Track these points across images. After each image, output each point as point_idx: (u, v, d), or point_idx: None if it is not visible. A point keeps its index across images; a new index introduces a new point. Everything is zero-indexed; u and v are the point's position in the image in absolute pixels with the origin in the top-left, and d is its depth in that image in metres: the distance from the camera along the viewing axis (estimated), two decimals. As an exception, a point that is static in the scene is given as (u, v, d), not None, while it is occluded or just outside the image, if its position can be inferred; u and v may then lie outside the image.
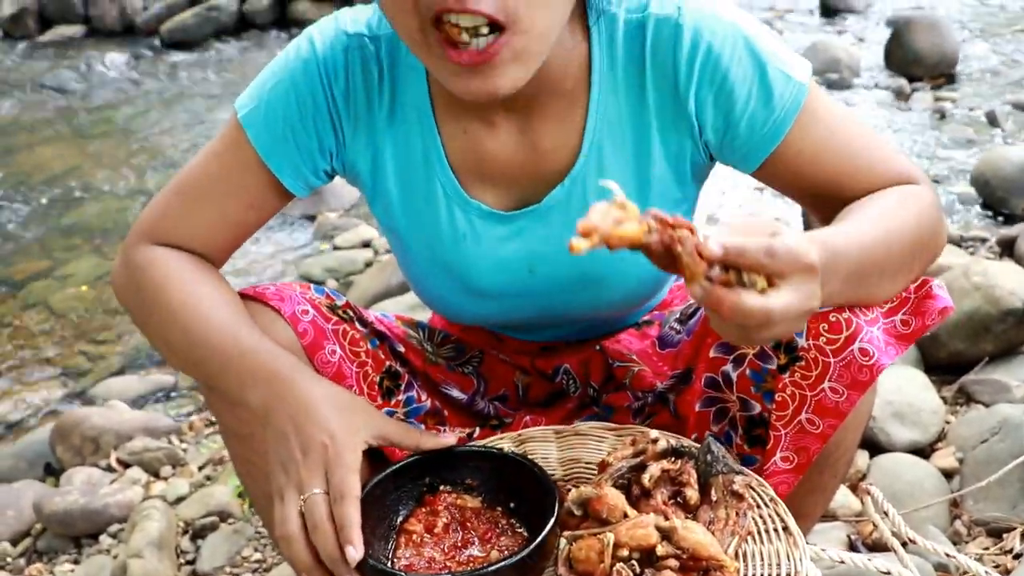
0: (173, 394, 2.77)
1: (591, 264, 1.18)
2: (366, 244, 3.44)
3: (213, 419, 2.54)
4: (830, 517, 1.75)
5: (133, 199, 4.08)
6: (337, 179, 3.48)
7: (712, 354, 1.21)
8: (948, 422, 2.01)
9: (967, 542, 1.69)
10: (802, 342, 1.11)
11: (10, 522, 2.18)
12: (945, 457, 1.90)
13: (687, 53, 1.08)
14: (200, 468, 2.29)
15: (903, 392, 2.01)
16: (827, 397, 1.12)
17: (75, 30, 6.27)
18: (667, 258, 0.87)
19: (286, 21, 6.11)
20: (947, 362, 2.17)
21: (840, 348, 1.09)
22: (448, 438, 1.16)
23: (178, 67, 5.70)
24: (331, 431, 1.04)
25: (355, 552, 0.97)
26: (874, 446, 1.93)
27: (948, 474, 1.86)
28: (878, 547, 1.68)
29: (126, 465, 2.36)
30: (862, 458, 1.88)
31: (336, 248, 3.45)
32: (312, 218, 3.72)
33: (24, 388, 2.88)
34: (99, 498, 2.15)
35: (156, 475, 2.31)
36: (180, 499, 2.14)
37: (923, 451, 1.94)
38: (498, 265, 1.22)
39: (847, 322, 1.08)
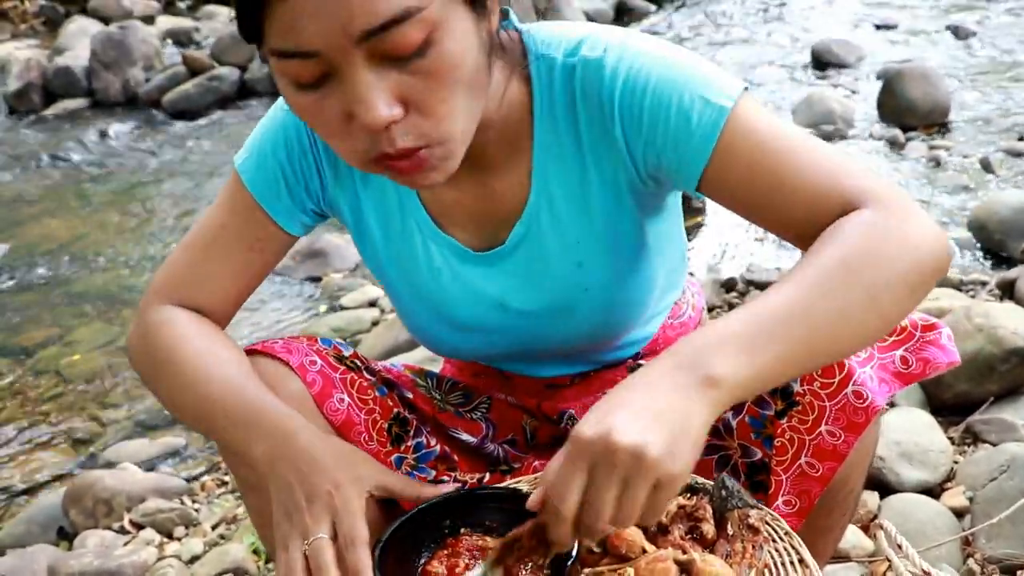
0: (184, 456, 2.78)
1: (559, 295, 1.23)
2: (372, 303, 3.47)
3: (225, 479, 2.55)
4: (843, 558, 1.76)
5: (139, 266, 4.13)
6: (341, 241, 3.56)
7: None
8: (956, 462, 2.03)
9: (984, 589, 1.70)
10: (797, 387, 1.14)
11: (25, 587, 2.19)
12: (955, 496, 1.91)
13: (607, 89, 1.11)
14: (214, 527, 2.30)
15: (910, 433, 2.02)
16: (825, 440, 1.14)
17: (79, 103, 6.36)
18: None
19: (286, 89, 6.21)
20: (953, 403, 2.19)
21: (834, 392, 1.11)
22: (449, 488, 1.19)
23: (181, 136, 5.78)
24: (336, 480, 1.06)
25: None
26: (884, 487, 1.94)
27: (959, 513, 1.87)
28: (892, 587, 1.69)
29: (139, 527, 2.37)
30: (872, 499, 1.90)
31: (342, 308, 3.48)
32: (317, 279, 3.76)
33: (35, 453, 2.90)
34: (113, 559, 2.15)
35: (169, 536, 2.32)
36: (195, 558, 2.14)
37: (933, 491, 1.95)
38: (473, 300, 1.27)
39: (839, 366, 1.10)
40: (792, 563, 1.07)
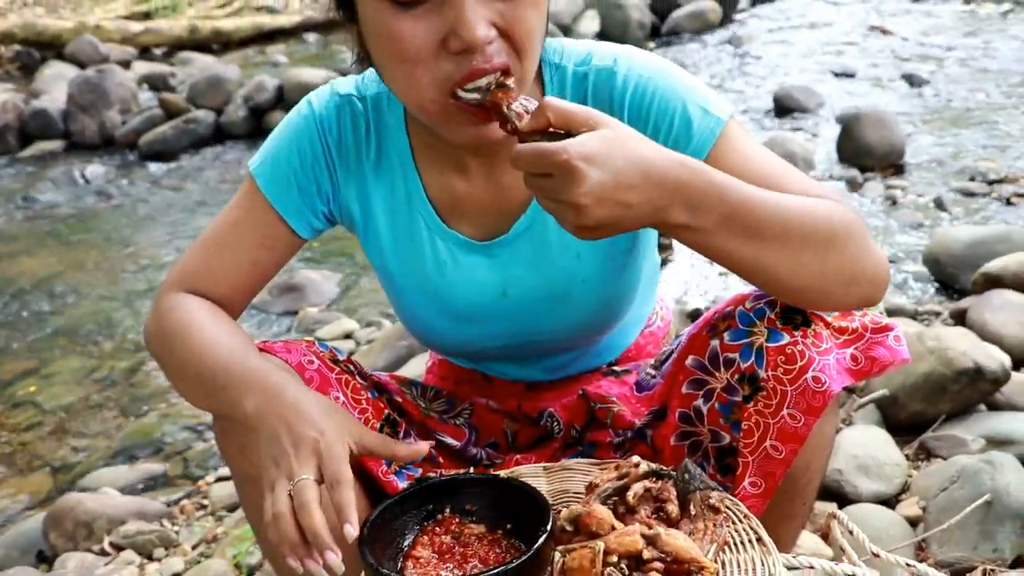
0: (163, 482, 2.82)
1: (557, 284, 1.33)
2: (348, 335, 3.54)
3: (204, 503, 2.60)
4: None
5: (116, 301, 4.17)
6: (318, 276, 3.69)
7: (684, 391, 1.33)
8: (910, 476, 2.12)
9: (934, 585, 1.78)
10: (763, 373, 1.23)
11: (5, 607, 2.22)
12: (909, 506, 2.00)
13: (619, 93, 1.27)
14: (194, 547, 2.34)
15: (867, 448, 2.12)
16: (787, 423, 1.23)
17: (55, 145, 6.40)
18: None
19: (261, 131, 6.26)
20: (907, 422, 2.29)
21: (795, 377, 1.21)
22: (421, 446, 1.26)
23: (157, 177, 5.84)
24: (321, 428, 1.12)
25: (352, 530, 1.05)
26: (842, 498, 2.03)
27: (913, 522, 1.96)
28: (850, 590, 1.77)
29: (119, 549, 2.40)
30: (831, 509, 1.98)
31: (319, 340, 3.54)
32: (294, 313, 3.83)
33: (13, 481, 2.93)
34: (95, 578, 2.20)
35: (150, 557, 2.36)
36: (176, 575, 2.18)
37: (888, 502, 2.04)
38: (475, 289, 1.37)
39: (800, 354, 1.21)
40: (751, 541, 1.16)
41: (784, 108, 5.60)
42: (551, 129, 1.05)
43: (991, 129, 4.91)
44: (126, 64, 7.72)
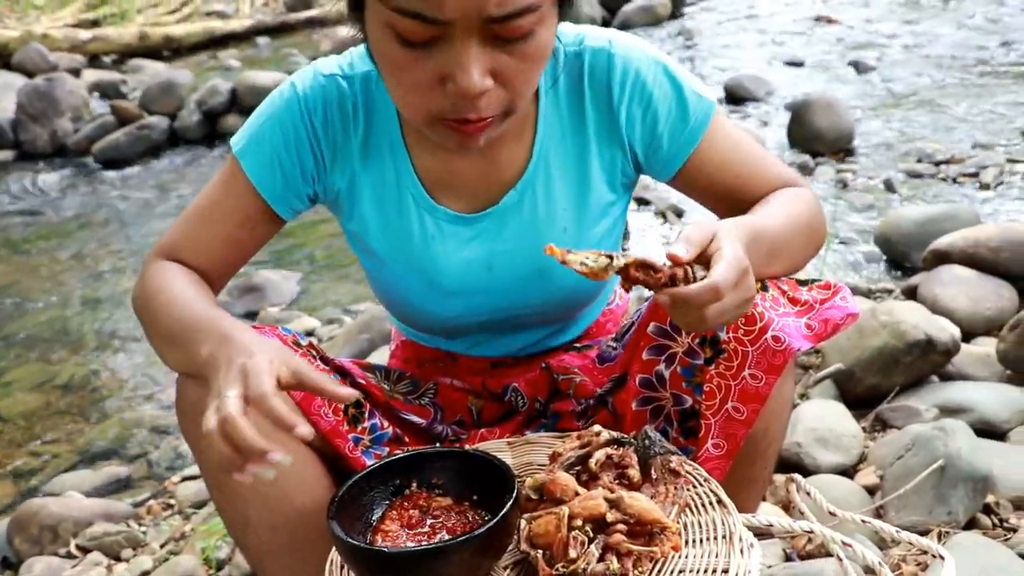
0: (128, 484, 2.81)
1: (541, 259, 1.34)
2: (309, 333, 3.54)
3: (171, 502, 2.59)
4: (766, 535, 1.88)
5: (73, 308, 4.14)
6: (277, 275, 3.69)
7: (645, 356, 1.36)
8: (867, 447, 2.17)
9: (891, 546, 1.83)
10: (723, 335, 1.27)
11: (-28, 614, 2.20)
12: (867, 475, 2.05)
13: (619, 77, 1.32)
14: (162, 546, 2.33)
15: (825, 420, 2.17)
16: (748, 384, 1.27)
17: (6, 155, 6.32)
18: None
19: (215, 135, 6.25)
20: (863, 395, 2.34)
21: (756, 338, 1.25)
22: (350, 389, 1.20)
23: (111, 184, 5.79)
24: (251, 352, 1.10)
25: (304, 429, 1.04)
26: (802, 470, 2.07)
27: (871, 490, 2.00)
28: (812, 557, 1.82)
29: (86, 551, 2.39)
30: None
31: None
32: (255, 314, 3.82)
33: (-25, 490, 2.90)
34: (62, 580, 2.19)
35: (117, 558, 2.35)
36: (144, 574, 2.18)
37: (847, 472, 2.08)
38: (462, 264, 1.39)
39: (760, 315, 1.24)
40: (711, 503, 1.20)
41: (736, 97, 5.67)
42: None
43: (936, 112, 5.01)
44: (76, 72, 7.61)
